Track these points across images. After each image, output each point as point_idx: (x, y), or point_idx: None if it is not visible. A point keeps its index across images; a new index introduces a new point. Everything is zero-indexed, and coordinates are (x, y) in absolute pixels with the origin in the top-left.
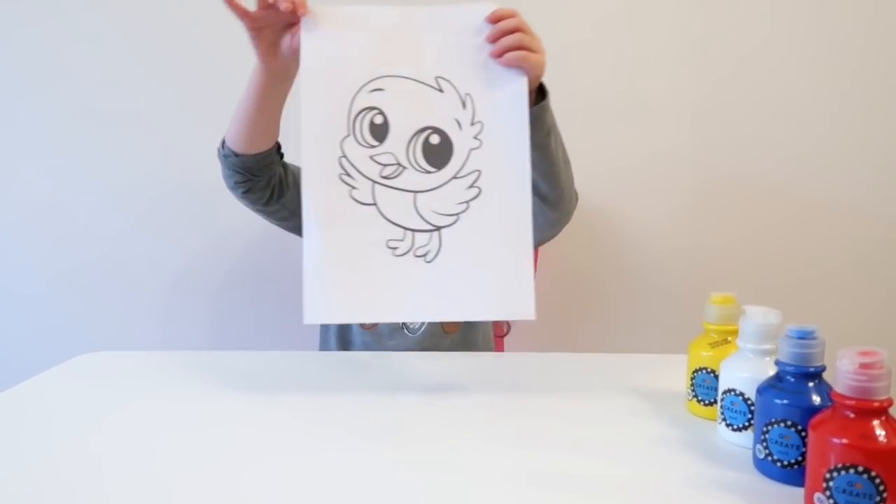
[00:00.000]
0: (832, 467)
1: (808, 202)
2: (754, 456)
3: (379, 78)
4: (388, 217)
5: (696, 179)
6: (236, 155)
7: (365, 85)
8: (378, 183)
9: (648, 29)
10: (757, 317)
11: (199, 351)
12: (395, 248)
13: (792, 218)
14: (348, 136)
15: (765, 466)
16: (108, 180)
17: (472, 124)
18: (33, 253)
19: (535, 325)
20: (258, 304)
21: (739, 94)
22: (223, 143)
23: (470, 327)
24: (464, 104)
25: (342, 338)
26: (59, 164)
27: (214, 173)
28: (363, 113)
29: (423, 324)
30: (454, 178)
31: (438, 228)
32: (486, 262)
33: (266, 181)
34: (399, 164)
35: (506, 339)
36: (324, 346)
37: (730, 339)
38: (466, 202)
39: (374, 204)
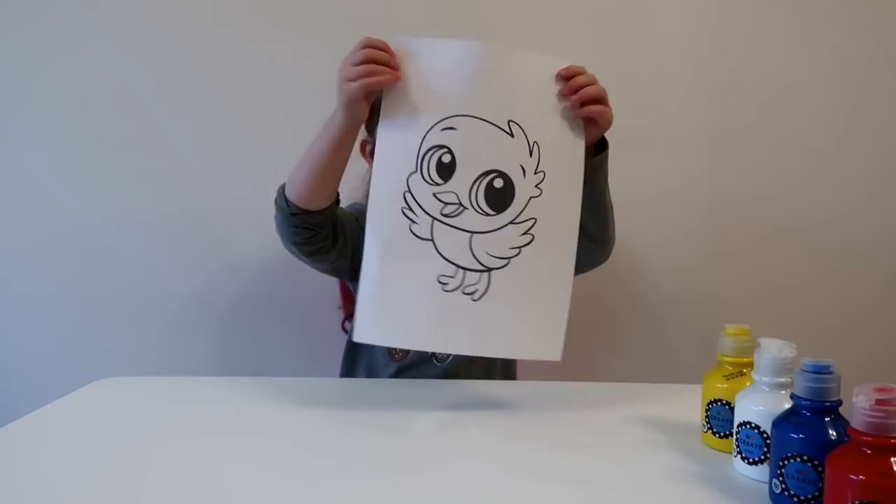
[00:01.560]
0: (850, 503)
1: (823, 234)
2: (770, 490)
3: (453, 117)
4: (443, 254)
5: (711, 209)
6: (307, 212)
7: (438, 122)
8: (437, 220)
9: (663, 58)
10: (772, 350)
11: (213, 377)
12: (445, 284)
13: (807, 250)
14: (415, 172)
15: (781, 501)
16: (120, 206)
17: (536, 173)
18: (45, 279)
19: None
20: (273, 329)
21: (754, 124)
22: (286, 202)
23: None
24: (531, 152)
25: (370, 370)
26: (70, 190)
27: (226, 200)
28: (433, 150)
29: (450, 355)
30: (511, 223)
31: (489, 270)
32: (528, 307)
33: (328, 231)
34: (460, 204)
35: (519, 367)
36: (349, 376)
37: (745, 371)
38: (519, 248)
39: (432, 240)
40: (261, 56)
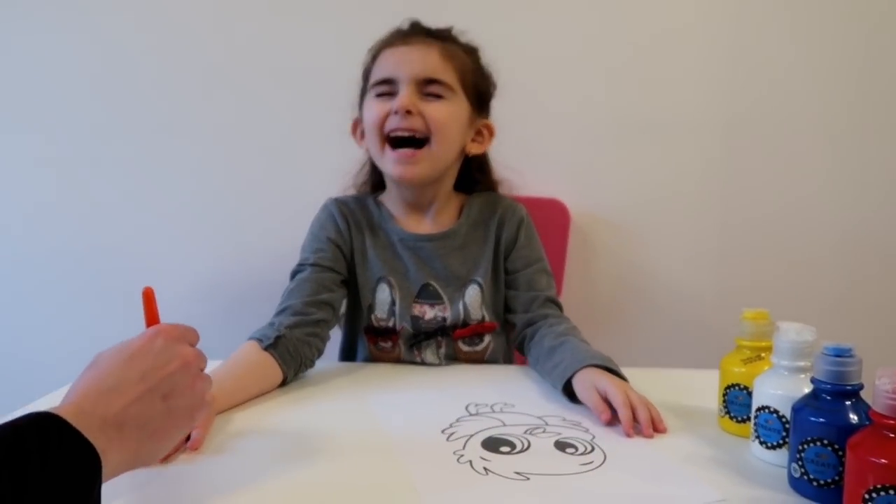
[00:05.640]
0: (871, 487)
1: (841, 220)
2: (789, 475)
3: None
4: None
5: (726, 195)
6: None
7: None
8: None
9: (680, 49)
10: (791, 333)
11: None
12: None
13: (826, 235)
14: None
15: (800, 485)
16: (139, 190)
17: None
18: (58, 267)
19: None
20: None
21: (771, 111)
22: None
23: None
24: None
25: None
26: (89, 174)
27: (237, 188)
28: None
29: (441, 359)
30: None
31: None
32: None
33: (320, 344)
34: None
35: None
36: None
37: (763, 355)
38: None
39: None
40: (271, 46)
